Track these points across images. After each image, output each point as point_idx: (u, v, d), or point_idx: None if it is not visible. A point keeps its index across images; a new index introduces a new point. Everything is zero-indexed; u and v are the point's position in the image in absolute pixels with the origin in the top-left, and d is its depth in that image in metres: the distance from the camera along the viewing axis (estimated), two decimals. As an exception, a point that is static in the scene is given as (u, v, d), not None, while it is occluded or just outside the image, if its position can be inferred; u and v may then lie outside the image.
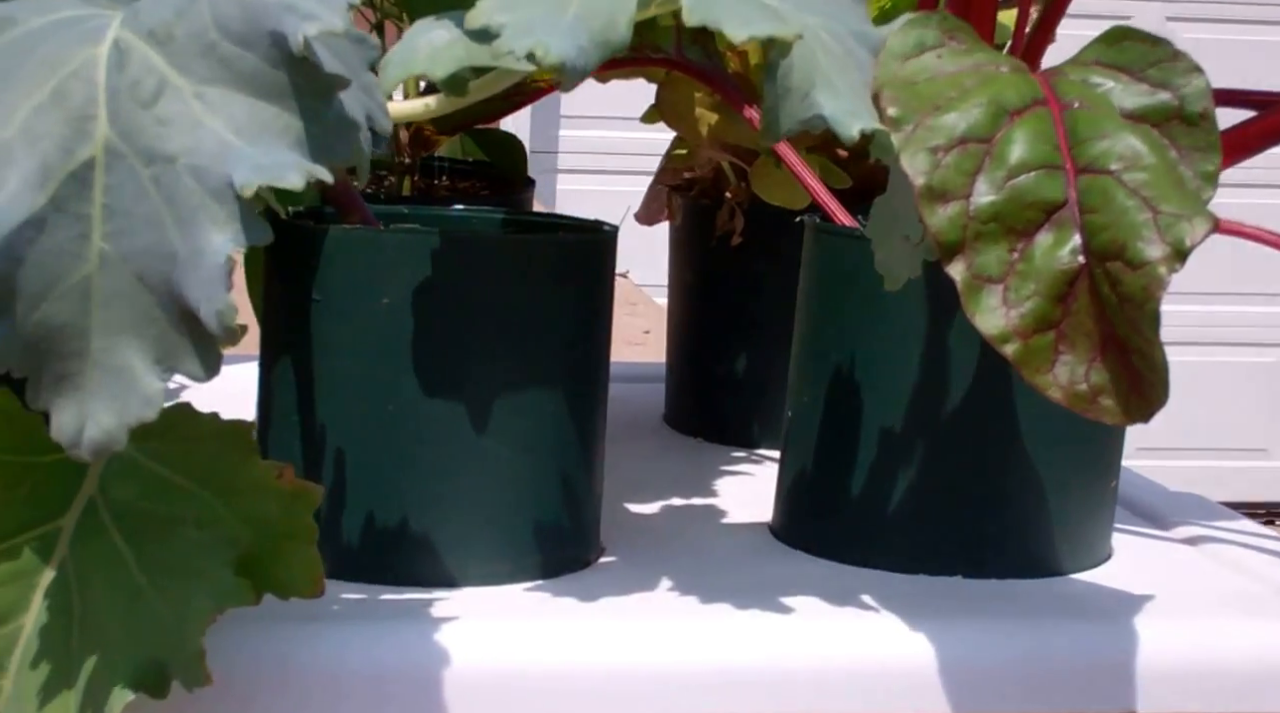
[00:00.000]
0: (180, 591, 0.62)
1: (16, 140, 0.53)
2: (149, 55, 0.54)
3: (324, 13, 0.53)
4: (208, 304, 0.53)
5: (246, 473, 0.64)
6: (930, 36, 0.67)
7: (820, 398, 0.84)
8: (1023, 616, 0.76)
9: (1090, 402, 0.62)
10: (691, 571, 0.80)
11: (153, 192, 0.53)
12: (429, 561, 0.76)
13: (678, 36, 0.89)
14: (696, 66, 0.90)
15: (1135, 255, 0.60)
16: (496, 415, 0.75)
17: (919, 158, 0.63)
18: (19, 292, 0.53)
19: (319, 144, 0.54)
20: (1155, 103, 0.66)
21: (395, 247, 0.75)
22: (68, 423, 0.55)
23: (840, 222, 0.85)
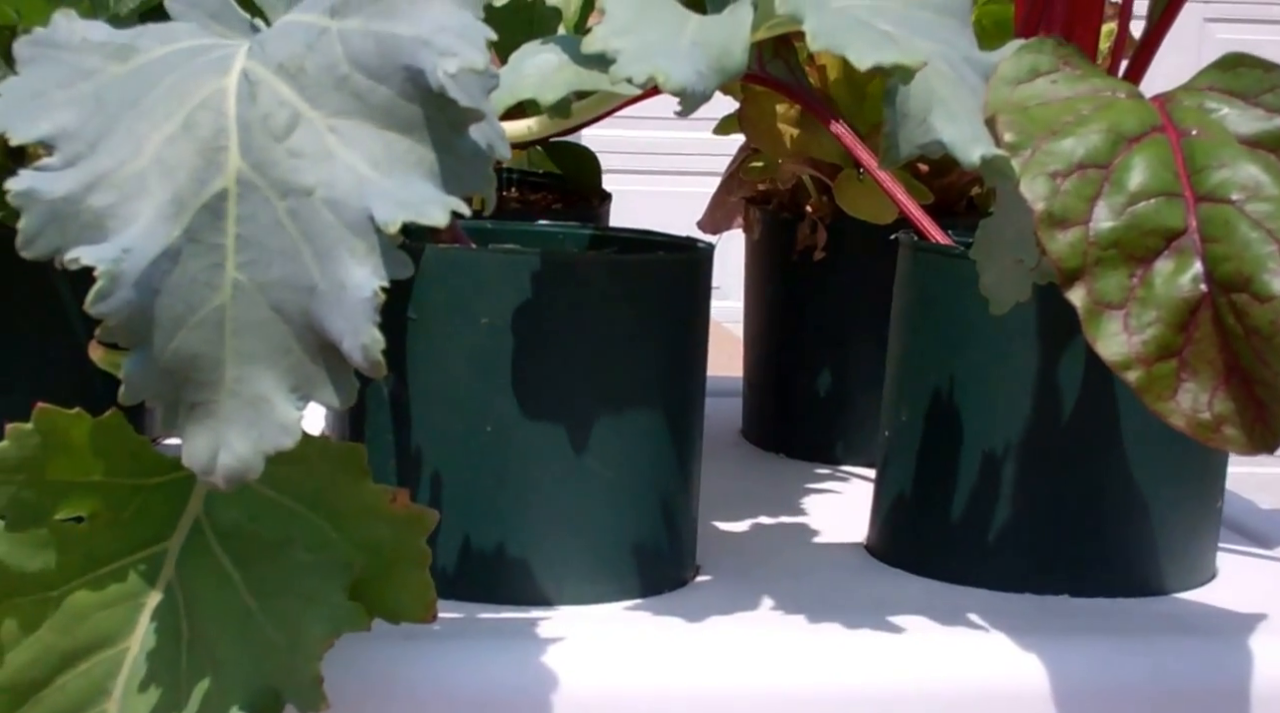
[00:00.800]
0: (293, 614, 0.64)
1: (149, 171, 0.55)
2: (279, 88, 0.56)
3: (464, 49, 0.54)
4: (352, 337, 0.55)
5: (358, 496, 0.66)
6: (1044, 62, 0.69)
7: (919, 418, 0.85)
8: (1136, 635, 0.78)
9: (1214, 431, 0.63)
10: (792, 589, 0.82)
11: (288, 223, 0.55)
12: (527, 580, 0.78)
13: (759, 51, 0.90)
14: (779, 80, 0.91)
15: (1262, 288, 0.61)
16: (595, 435, 0.77)
17: (1038, 183, 0.64)
18: (156, 322, 0.55)
19: (453, 176, 0.56)
20: (1272, 128, 0.67)
21: (495, 267, 0.76)
22: (201, 450, 0.57)
23: (935, 239, 0.86)
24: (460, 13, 0.55)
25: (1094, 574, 0.82)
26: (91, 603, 0.66)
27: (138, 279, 0.54)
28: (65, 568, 0.66)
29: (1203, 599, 0.83)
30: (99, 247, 0.54)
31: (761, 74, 0.93)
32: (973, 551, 0.83)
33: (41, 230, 0.54)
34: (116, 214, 0.55)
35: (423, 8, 0.56)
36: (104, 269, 0.53)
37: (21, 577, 0.65)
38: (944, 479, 0.84)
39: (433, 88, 0.55)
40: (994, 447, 0.82)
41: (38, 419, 0.63)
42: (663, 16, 0.66)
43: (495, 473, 0.77)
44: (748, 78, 0.94)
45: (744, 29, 0.65)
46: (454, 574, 0.78)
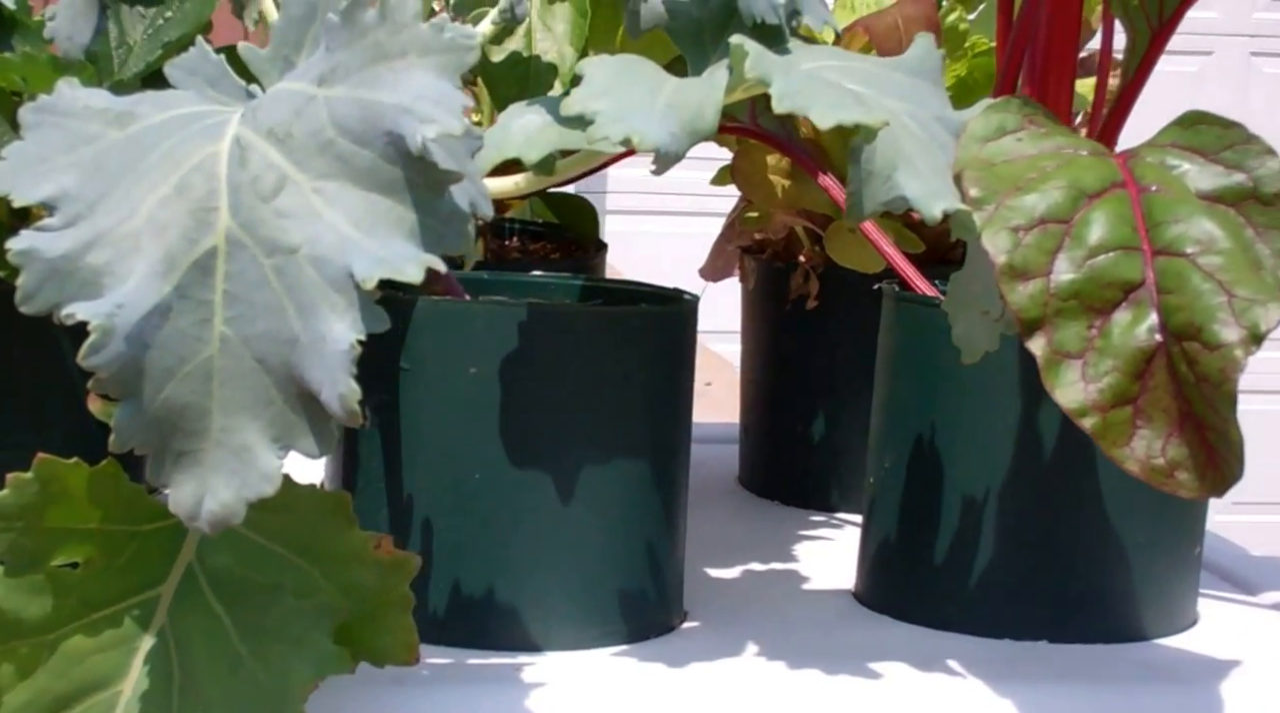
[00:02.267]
0: (280, 658, 0.69)
1: (143, 231, 0.60)
2: (268, 152, 0.61)
3: (441, 115, 0.60)
4: (331, 387, 0.60)
5: (345, 543, 0.71)
6: (1011, 120, 0.74)
7: (902, 464, 0.90)
8: (1111, 681, 0.82)
9: (1167, 476, 0.68)
10: (776, 635, 0.86)
11: (274, 280, 0.60)
12: (515, 626, 0.82)
13: (752, 106, 0.96)
14: (770, 134, 0.96)
15: (1212, 337, 0.66)
16: (582, 483, 0.82)
17: (1000, 237, 0.69)
18: (146, 374, 0.60)
19: (432, 235, 0.61)
20: (1231, 184, 0.72)
21: (484, 318, 0.81)
22: (187, 497, 0.62)
23: (919, 289, 0.91)
24: (439, 82, 0.61)
25: (1072, 620, 0.86)
26: (87, 647, 0.71)
27: (129, 333, 0.59)
28: (61, 613, 0.71)
29: (1182, 645, 0.87)
30: (94, 302, 0.59)
31: (753, 127, 0.98)
32: (954, 597, 0.88)
33: (40, 287, 0.59)
34: (112, 271, 0.60)
35: (404, 77, 0.61)
36: (97, 324, 0.59)
37: (19, 622, 0.70)
38: (925, 526, 0.89)
39: (413, 152, 0.60)
40: (973, 493, 0.87)
41: (37, 469, 0.68)
42: (639, 80, 0.71)
43: (483, 520, 0.82)
44: (740, 131, 0.99)
45: (717, 92, 0.70)
46: (444, 619, 0.83)
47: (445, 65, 0.61)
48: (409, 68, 0.61)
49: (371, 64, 0.61)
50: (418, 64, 0.61)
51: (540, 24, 1.03)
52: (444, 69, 0.61)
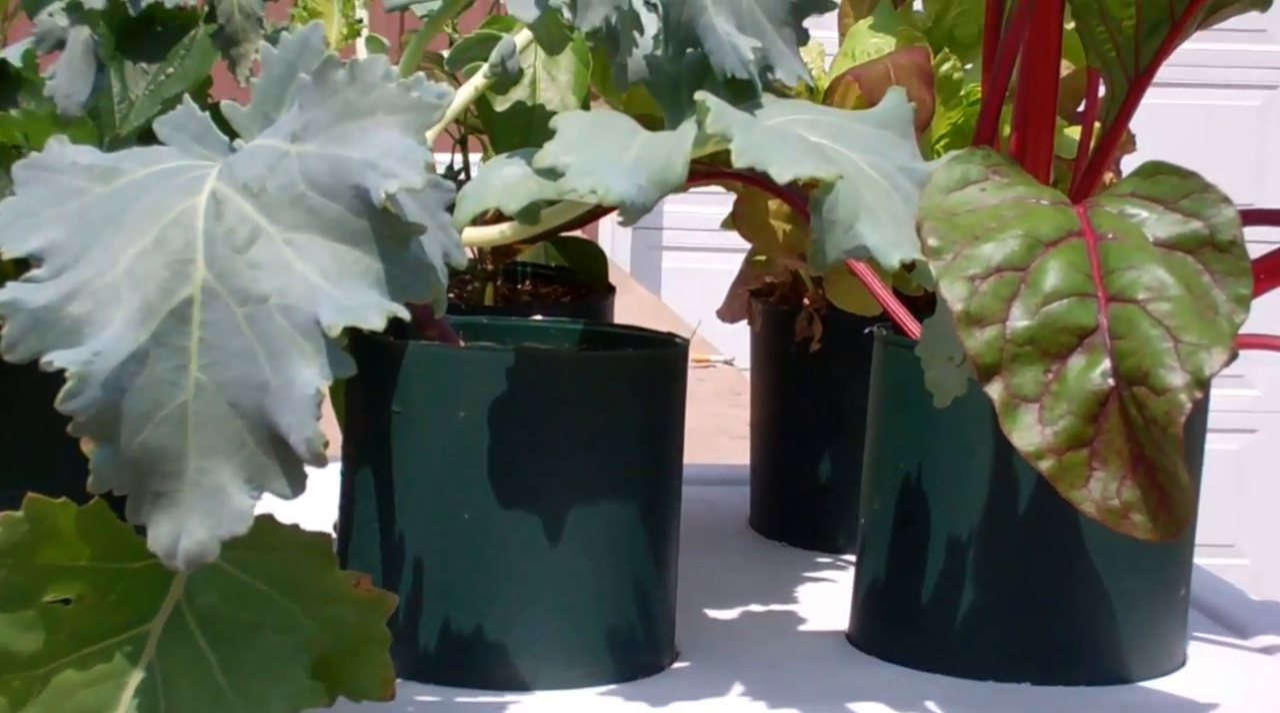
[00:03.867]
0: (259, 693, 0.73)
1: (122, 282, 0.65)
2: (243, 205, 0.66)
3: (404, 170, 0.64)
4: (298, 431, 0.64)
5: (325, 581, 0.75)
6: (974, 171, 0.78)
7: (890, 506, 0.94)
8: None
9: (1122, 517, 0.72)
10: (764, 677, 0.90)
11: (246, 328, 0.65)
12: (503, 665, 0.86)
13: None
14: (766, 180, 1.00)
15: (1159, 382, 0.70)
16: (570, 524, 0.86)
17: (957, 285, 0.73)
18: (123, 418, 0.65)
19: (398, 284, 0.65)
20: (1188, 232, 0.76)
21: (472, 363, 0.86)
22: (164, 536, 0.66)
23: (909, 332, 0.95)
24: (404, 139, 0.65)
25: (1055, 663, 0.90)
26: (78, 681, 0.75)
27: (106, 379, 0.64)
28: (53, 648, 0.75)
29: (1166, 688, 0.90)
30: (72, 351, 0.64)
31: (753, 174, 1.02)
32: (938, 638, 0.91)
33: (23, 337, 0.64)
34: (92, 321, 0.65)
35: (371, 134, 0.66)
36: (74, 371, 0.63)
37: (11, 655, 0.74)
38: (912, 568, 0.92)
39: (376, 205, 0.64)
40: (958, 535, 0.90)
41: (27, 507, 0.73)
42: (609, 134, 0.75)
43: (472, 560, 0.86)
44: (737, 177, 1.03)
45: (685, 144, 0.75)
46: (433, 657, 0.87)
47: (410, 123, 0.65)
48: (376, 125, 0.66)
49: (341, 121, 0.66)
50: (385, 121, 0.65)
51: (544, 74, 1.07)
52: (409, 126, 0.65)
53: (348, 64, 0.66)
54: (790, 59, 0.81)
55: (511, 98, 1.07)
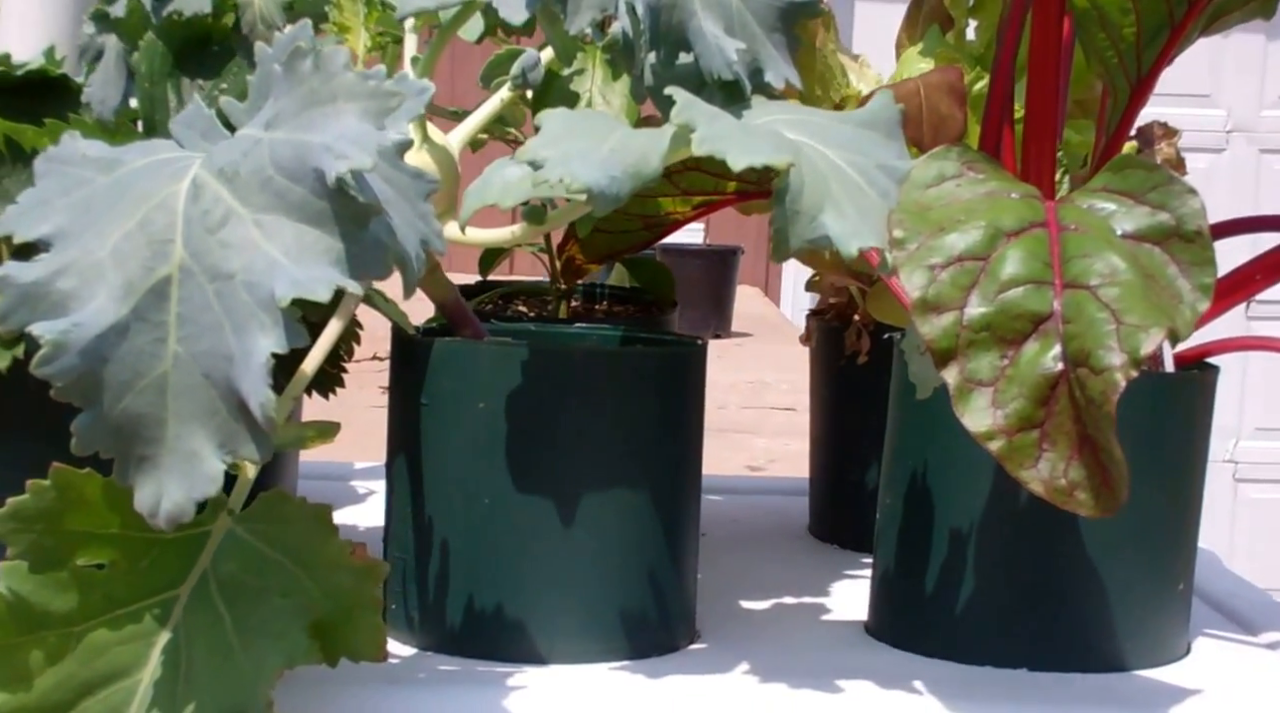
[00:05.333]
0: (261, 649, 0.72)
1: (107, 261, 0.64)
2: (219, 189, 0.64)
3: (354, 152, 0.62)
4: (254, 396, 0.63)
5: (326, 550, 0.73)
6: (950, 168, 0.74)
7: (900, 502, 0.90)
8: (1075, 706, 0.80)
9: (1069, 495, 0.67)
10: (771, 659, 0.86)
11: (215, 303, 0.63)
12: (522, 639, 0.84)
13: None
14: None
15: (1098, 362, 0.65)
16: (583, 509, 0.83)
17: (916, 274, 0.69)
18: (105, 386, 0.63)
19: (357, 262, 0.63)
20: (1155, 223, 0.71)
21: (490, 357, 0.84)
22: (147, 498, 0.65)
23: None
24: (360, 124, 0.63)
25: (1052, 650, 0.85)
26: (110, 640, 0.74)
27: (84, 348, 0.63)
28: (88, 607, 0.74)
29: (1161, 677, 0.85)
30: (53, 322, 0.63)
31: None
32: (941, 626, 0.87)
33: (15, 309, 0.63)
34: (78, 296, 0.64)
35: (333, 121, 0.64)
36: (49, 339, 0.62)
37: (47, 614, 0.73)
38: (918, 559, 0.88)
39: (330, 186, 0.63)
40: (960, 528, 0.86)
41: (53, 476, 0.72)
42: (589, 129, 0.73)
43: (492, 542, 0.84)
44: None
45: (663, 140, 0.72)
46: (458, 632, 0.85)
47: (368, 109, 0.64)
48: (337, 112, 0.64)
49: (306, 109, 0.65)
50: (344, 108, 0.64)
51: (600, 98, 1.06)
52: (366, 112, 0.64)
53: (312, 55, 0.65)
54: (779, 63, 0.78)
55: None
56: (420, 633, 0.86)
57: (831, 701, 0.80)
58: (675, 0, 0.76)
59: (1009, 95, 0.87)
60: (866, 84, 1.12)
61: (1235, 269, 0.85)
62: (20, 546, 0.73)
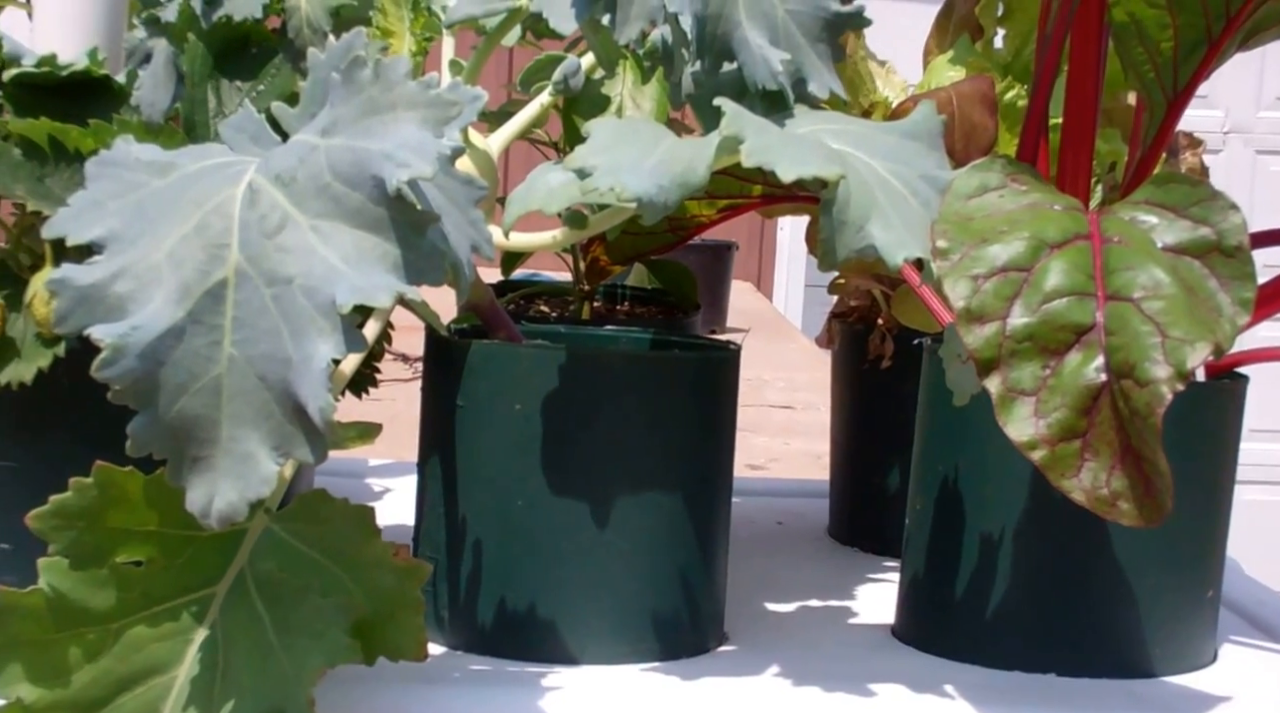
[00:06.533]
0: (301, 649, 0.73)
1: (164, 264, 0.65)
2: (275, 195, 0.65)
3: (415, 161, 0.63)
4: (314, 401, 0.64)
5: (369, 550, 0.74)
6: (993, 179, 0.75)
7: (930, 506, 0.91)
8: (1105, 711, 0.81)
9: (1111, 505, 0.68)
10: (801, 661, 0.87)
11: (272, 308, 0.64)
12: (554, 639, 0.85)
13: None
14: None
15: (1143, 374, 0.67)
16: (617, 512, 0.84)
17: (960, 284, 0.70)
18: (161, 388, 0.64)
19: (414, 269, 0.64)
20: (1196, 237, 0.72)
21: (528, 359, 0.85)
22: (200, 499, 0.66)
23: (958, 344, 0.92)
24: (420, 132, 0.64)
25: (1081, 655, 0.86)
26: (148, 636, 0.75)
27: (142, 351, 0.64)
28: (126, 604, 0.75)
29: (1187, 683, 0.86)
30: (113, 325, 0.64)
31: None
32: (971, 630, 0.88)
33: (71, 312, 0.64)
34: (135, 298, 0.65)
35: (392, 128, 0.65)
36: (109, 342, 0.63)
37: (85, 610, 0.74)
38: (948, 563, 0.89)
39: (391, 194, 0.64)
40: (990, 533, 0.87)
41: (96, 474, 0.73)
42: (637, 138, 0.74)
43: (526, 543, 0.85)
44: (812, 200, 1.01)
45: (709, 150, 0.73)
46: (490, 632, 0.86)
47: (428, 117, 0.65)
48: (396, 119, 0.65)
49: (365, 116, 0.65)
50: (404, 116, 0.65)
51: (630, 102, 1.06)
52: (426, 121, 0.65)
53: (372, 63, 0.66)
54: (823, 73, 0.79)
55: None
56: (450, 632, 0.87)
57: (865, 704, 0.81)
58: (721, 11, 0.77)
59: (1047, 109, 0.88)
60: (893, 91, 1.13)
61: (1269, 281, 0.86)
62: (62, 543, 0.74)
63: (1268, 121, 4.58)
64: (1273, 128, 4.58)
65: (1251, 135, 4.54)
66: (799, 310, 4.70)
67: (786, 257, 4.71)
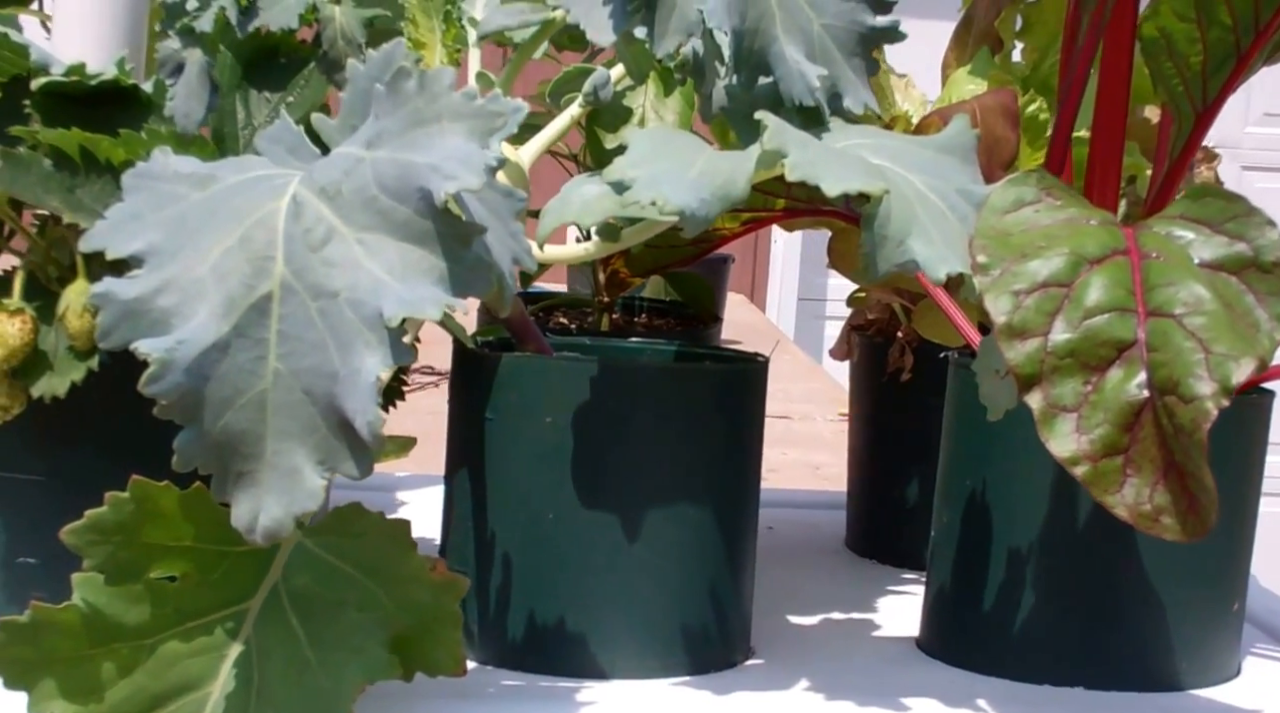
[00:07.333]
0: (339, 664, 0.73)
1: (208, 277, 0.65)
2: (320, 207, 0.65)
3: (463, 173, 0.63)
4: (361, 415, 0.64)
5: (405, 565, 0.74)
6: (1028, 193, 0.75)
7: (957, 520, 0.91)
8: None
9: (1154, 520, 0.69)
10: (830, 675, 0.88)
11: (319, 321, 0.64)
12: (584, 654, 0.85)
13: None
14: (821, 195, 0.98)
15: (1188, 390, 0.67)
16: (647, 525, 0.84)
17: (1002, 299, 0.71)
18: (206, 402, 0.64)
19: (460, 281, 0.64)
20: (1233, 253, 0.73)
21: (559, 372, 0.85)
22: (245, 514, 0.66)
23: (983, 357, 0.92)
24: (466, 144, 0.64)
25: (1108, 668, 0.86)
26: (181, 652, 0.75)
27: (189, 366, 0.64)
28: (159, 620, 0.75)
29: (1214, 696, 0.87)
30: (158, 339, 0.64)
31: (848, 212, 1.00)
32: (998, 643, 0.88)
33: (116, 326, 0.64)
34: (179, 312, 0.65)
35: (438, 140, 0.65)
36: (157, 357, 0.63)
37: (120, 626, 0.74)
38: (975, 577, 0.89)
39: (438, 206, 0.64)
40: (1018, 547, 0.88)
41: (133, 489, 0.73)
42: (676, 150, 0.74)
43: (556, 557, 0.85)
44: (836, 215, 1.01)
45: (749, 163, 0.73)
46: (520, 646, 0.86)
47: (474, 129, 0.65)
48: (442, 131, 0.65)
49: (411, 128, 0.66)
50: (450, 128, 0.65)
51: (653, 114, 1.07)
52: (472, 132, 0.65)
53: (416, 75, 0.66)
54: (859, 87, 0.79)
55: (621, 136, 1.06)
56: (479, 647, 0.87)
57: (890, 716, 0.82)
58: (758, 25, 0.77)
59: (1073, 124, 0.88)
60: (912, 104, 1.13)
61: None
62: (97, 558, 0.74)
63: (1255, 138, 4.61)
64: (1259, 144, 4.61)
65: (1238, 151, 4.56)
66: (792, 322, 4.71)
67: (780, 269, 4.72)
